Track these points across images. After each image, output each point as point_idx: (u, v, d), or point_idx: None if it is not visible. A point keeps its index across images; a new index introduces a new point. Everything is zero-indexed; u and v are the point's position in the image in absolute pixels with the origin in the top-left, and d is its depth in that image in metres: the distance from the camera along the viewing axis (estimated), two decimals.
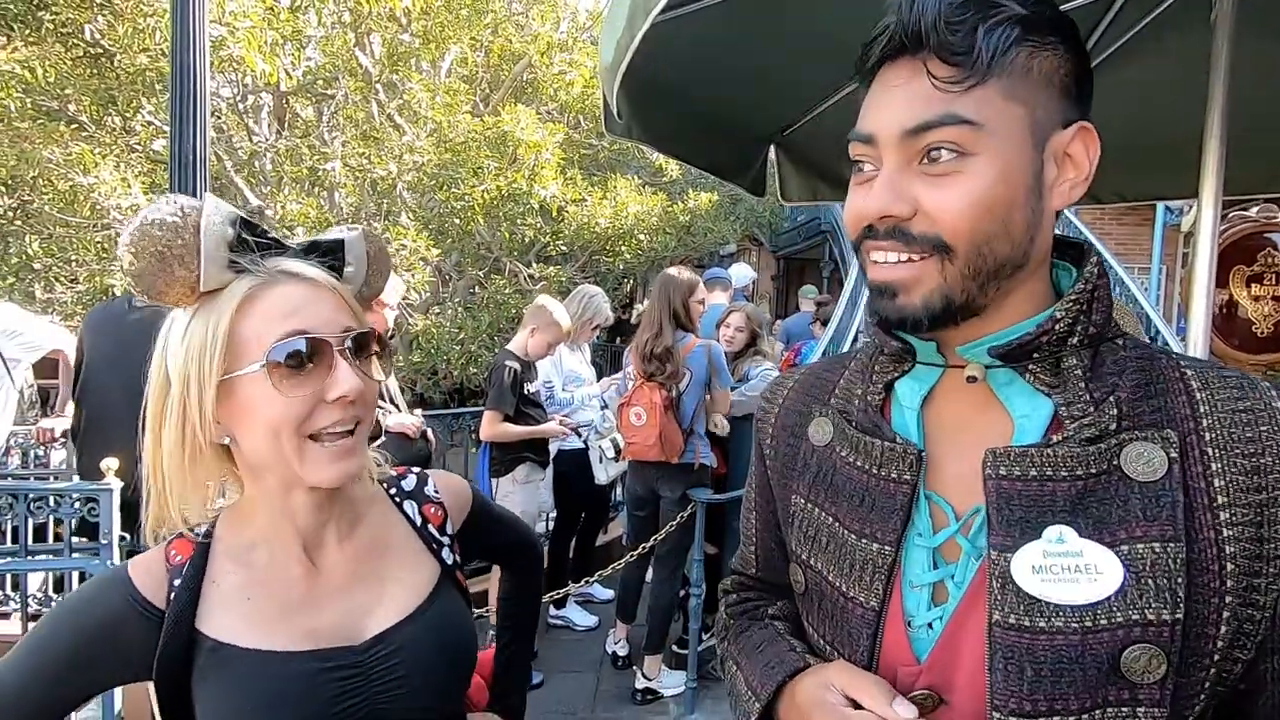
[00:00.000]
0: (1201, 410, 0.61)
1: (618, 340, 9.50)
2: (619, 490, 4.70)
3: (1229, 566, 0.57)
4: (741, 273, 5.80)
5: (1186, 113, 1.66)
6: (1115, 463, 0.60)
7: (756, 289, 6.29)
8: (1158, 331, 4.95)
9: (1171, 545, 0.57)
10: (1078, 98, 0.64)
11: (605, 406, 3.82)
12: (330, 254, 0.81)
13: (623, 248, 6.91)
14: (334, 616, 0.80)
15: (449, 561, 0.91)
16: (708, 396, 3.30)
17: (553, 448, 3.57)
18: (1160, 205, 7.71)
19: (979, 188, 0.59)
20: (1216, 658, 0.58)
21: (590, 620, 3.94)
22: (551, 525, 4.08)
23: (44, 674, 0.73)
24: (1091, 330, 0.63)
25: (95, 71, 4.64)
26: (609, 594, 4.01)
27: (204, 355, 0.72)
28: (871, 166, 0.64)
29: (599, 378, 4.16)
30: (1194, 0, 1.62)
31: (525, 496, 3.41)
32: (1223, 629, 0.57)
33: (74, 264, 5.05)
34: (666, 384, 3.15)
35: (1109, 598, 0.57)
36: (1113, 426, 0.60)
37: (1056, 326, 0.62)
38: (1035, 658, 0.57)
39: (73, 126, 4.64)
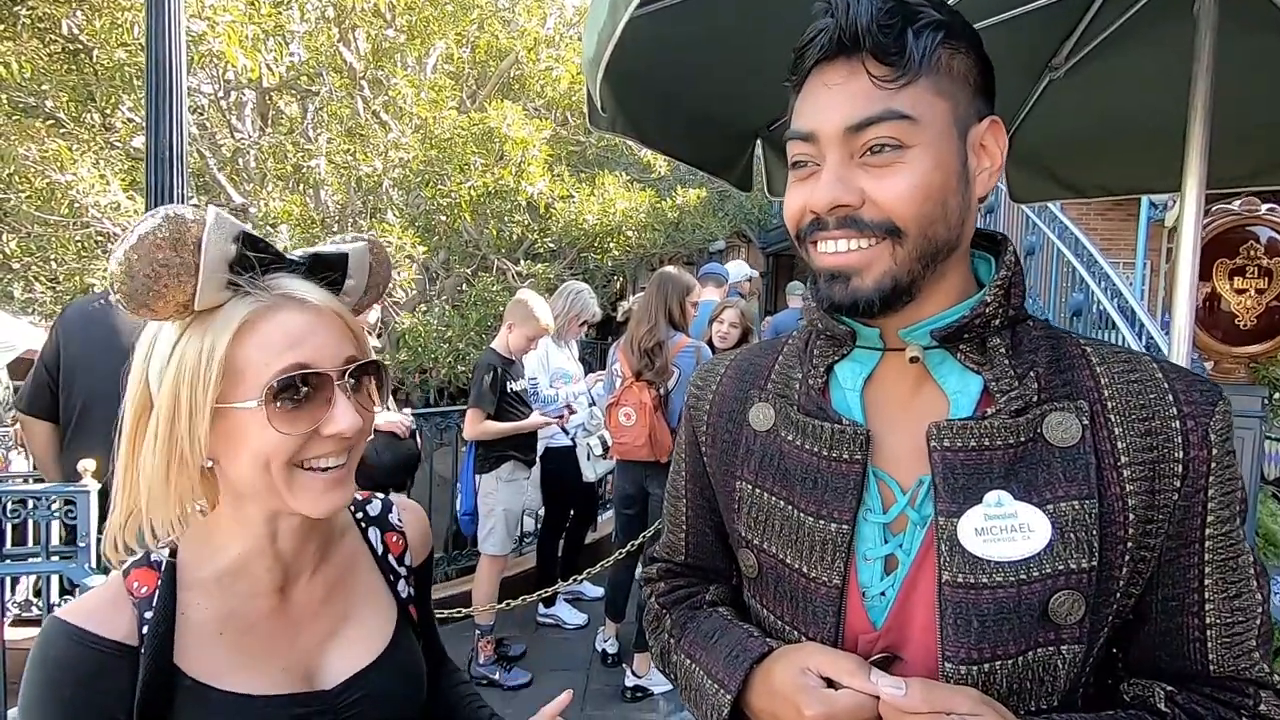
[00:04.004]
0: (1103, 383, 0.68)
1: (608, 337, 9.48)
2: (606, 487, 4.68)
3: (1131, 517, 0.65)
4: (739, 269, 5.75)
5: (1171, 106, 1.66)
6: (1039, 431, 0.66)
7: (751, 285, 6.20)
8: (1143, 326, 4.97)
9: (1088, 502, 0.64)
10: (986, 95, 0.70)
11: (593, 403, 3.80)
12: (333, 269, 0.76)
13: (611, 244, 6.89)
14: (303, 655, 0.77)
15: (404, 595, 0.88)
16: None
17: (540, 445, 3.55)
18: (1144, 201, 7.77)
19: (919, 175, 0.65)
20: (1118, 595, 0.66)
21: (579, 618, 3.93)
22: (540, 523, 4.07)
23: None
24: (1011, 312, 0.70)
25: (73, 67, 4.57)
26: (598, 592, 3.99)
27: (197, 380, 0.66)
28: (813, 163, 0.69)
29: (588, 374, 4.14)
30: None
31: (509, 494, 3.39)
32: (1124, 570, 0.65)
33: (53, 263, 4.97)
34: (655, 382, 3.14)
35: (1039, 553, 0.63)
36: (1035, 399, 0.67)
37: (986, 309, 0.68)
38: (980, 611, 0.64)
39: (49, 123, 4.57)
